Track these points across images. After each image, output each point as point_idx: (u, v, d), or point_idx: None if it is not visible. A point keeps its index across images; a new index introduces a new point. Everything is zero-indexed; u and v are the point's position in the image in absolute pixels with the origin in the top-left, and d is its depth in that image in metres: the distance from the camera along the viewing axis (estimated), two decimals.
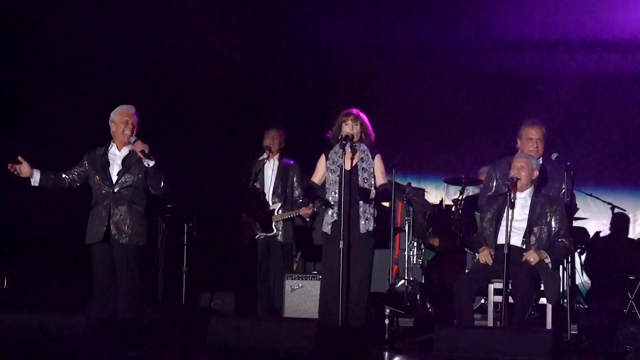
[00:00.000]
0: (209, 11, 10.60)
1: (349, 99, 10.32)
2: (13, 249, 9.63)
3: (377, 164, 6.81)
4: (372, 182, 6.74)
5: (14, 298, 8.82)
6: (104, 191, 6.68)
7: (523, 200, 6.57)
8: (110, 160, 6.76)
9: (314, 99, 10.51)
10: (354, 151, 6.71)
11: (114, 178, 6.69)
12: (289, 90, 10.64)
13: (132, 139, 6.64)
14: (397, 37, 10.83)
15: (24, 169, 6.66)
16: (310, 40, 10.75)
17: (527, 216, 6.55)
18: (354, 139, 6.73)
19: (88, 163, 6.80)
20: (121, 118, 6.74)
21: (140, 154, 6.59)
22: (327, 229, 6.74)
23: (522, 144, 6.90)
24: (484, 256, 6.55)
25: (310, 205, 7.73)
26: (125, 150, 6.75)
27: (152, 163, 6.60)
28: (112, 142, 6.82)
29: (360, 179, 6.71)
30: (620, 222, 9.77)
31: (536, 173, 6.62)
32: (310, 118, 10.12)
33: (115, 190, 6.66)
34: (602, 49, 10.31)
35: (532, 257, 6.47)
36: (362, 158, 6.75)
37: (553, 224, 6.52)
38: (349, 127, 6.73)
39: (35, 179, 6.70)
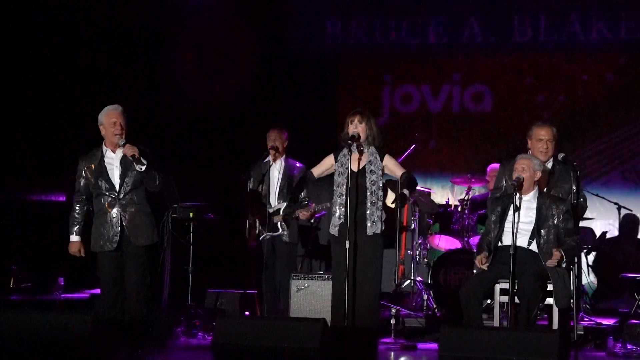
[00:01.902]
0: (212, 13, 10.62)
1: (352, 100, 10.38)
2: (18, 248, 9.64)
3: (388, 161, 6.71)
4: (380, 185, 6.66)
5: (21, 297, 8.84)
6: (110, 198, 6.59)
7: (528, 202, 6.53)
8: (108, 165, 6.61)
9: (316, 100, 10.52)
10: (360, 152, 6.64)
11: (117, 183, 6.59)
12: (290, 92, 10.64)
13: (121, 142, 6.52)
14: (402, 37, 10.83)
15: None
16: (313, 41, 10.77)
17: (533, 218, 6.49)
18: (361, 139, 6.65)
19: (86, 169, 6.66)
20: (109, 120, 6.58)
21: (130, 158, 6.50)
22: (334, 230, 6.67)
23: (532, 144, 6.85)
24: (478, 261, 6.53)
25: (314, 206, 7.69)
26: (120, 152, 6.60)
27: (143, 167, 6.50)
28: (105, 146, 6.68)
29: (368, 181, 6.62)
30: (628, 222, 9.76)
31: (539, 174, 6.56)
32: (312, 120, 10.13)
33: (121, 195, 6.58)
34: (606, 52, 10.32)
35: (558, 257, 6.36)
36: (370, 160, 6.65)
37: (560, 225, 6.48)
38: (353, 127, 6.65)
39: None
